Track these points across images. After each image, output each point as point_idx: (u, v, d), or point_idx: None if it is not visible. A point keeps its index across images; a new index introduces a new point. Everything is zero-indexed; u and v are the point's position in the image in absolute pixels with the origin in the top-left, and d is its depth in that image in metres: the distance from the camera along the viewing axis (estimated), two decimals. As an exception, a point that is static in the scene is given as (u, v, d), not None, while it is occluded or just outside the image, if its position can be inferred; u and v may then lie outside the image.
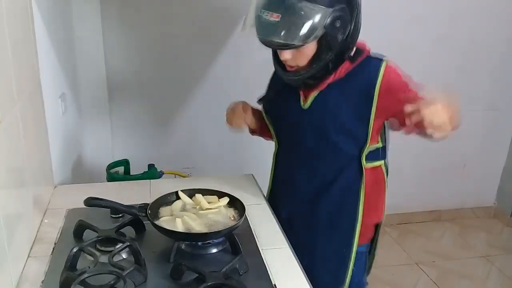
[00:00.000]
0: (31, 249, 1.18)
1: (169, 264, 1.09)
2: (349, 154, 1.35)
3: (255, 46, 1.25)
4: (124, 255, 1.13)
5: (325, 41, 1.19)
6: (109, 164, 2.15)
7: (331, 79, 1.30)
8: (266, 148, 2.78)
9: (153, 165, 2.20)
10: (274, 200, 1.53)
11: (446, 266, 2.67)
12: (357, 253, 1.41)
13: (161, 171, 2.23)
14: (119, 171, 2.17)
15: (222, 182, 1.46)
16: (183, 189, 1.32)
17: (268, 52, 1.33)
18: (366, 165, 1.36)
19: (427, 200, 3.11)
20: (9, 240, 1.00)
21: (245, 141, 2.62)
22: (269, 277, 1.10)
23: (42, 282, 1.05)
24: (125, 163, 2.19)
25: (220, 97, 2.54)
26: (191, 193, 1.32)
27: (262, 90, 2.51)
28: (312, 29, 1.15)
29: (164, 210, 1.27)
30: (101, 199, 1.24)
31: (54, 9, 1.75)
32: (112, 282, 0.98)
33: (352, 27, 1.22)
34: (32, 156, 1.27)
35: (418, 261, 2.70)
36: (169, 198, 1.31)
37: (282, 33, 1.15)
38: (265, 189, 1.58)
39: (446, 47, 2.75)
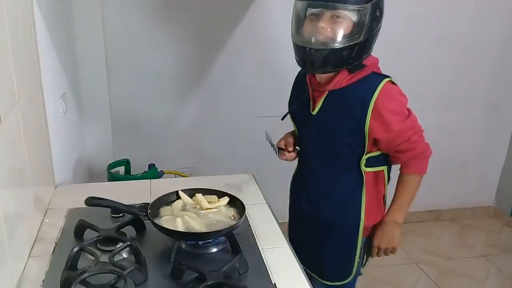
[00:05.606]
0: (32, 248, 1.19)
1: (170, 264, 1.10)
2: (349, 160, 1.41)
3: (256, 47, 1.25)
4: (124, 255, 1.13)
5: (363, 22, 1.25)
6: (109, 164, 2.16)
7: (332, 85, 1.34)
8: (266, 148, 2.78)
9: (154, 165, 2.21)
10: (295, 196, 1.63)
11: (445, 266, 2.68)
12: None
13: (161, 171, 2.24)
14: (119, 171, 2.18)
15: (222, 182, 1.47)
16: (183, 188, 1.33)
17: (268, 53, 1.33)
18: (366, 169, 1.40)
19: (427, 200, 3.11)
20: (10, 240, 1.01)
21: (245, 141, 2.63)
22: (269, 276, 1.10)
23: (43, 281, 1.06)
24: (125, 163, 2.20)
25: (220, 97, 2.55)
26: (191, 192, 1.32)
27: (261, 91, 2.53)
28: (366, 1, 1.22)
29: (164, 210, 1.27)
30: (102, 199, 1.24)
31: (55, 9, 1.76)
32: (113, 281, 0.98)
33: (379, 26, 1.28)
34: (33, 156, 1.28)
35: (417, 261, 2.71)
36: (169, 198, 1.31)
37: None
38: (265, 189, 1.59)
39: (445, 47, 2.76)
